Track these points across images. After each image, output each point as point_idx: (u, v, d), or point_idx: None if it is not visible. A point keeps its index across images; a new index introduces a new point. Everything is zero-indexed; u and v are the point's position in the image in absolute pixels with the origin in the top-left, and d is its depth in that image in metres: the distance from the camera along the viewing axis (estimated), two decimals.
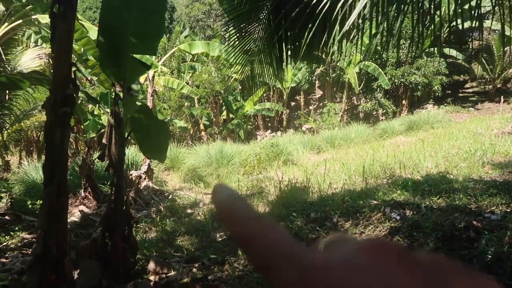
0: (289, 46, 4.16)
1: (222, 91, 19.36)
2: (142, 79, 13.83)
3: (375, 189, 6.41)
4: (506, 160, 7.67)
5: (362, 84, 20.32)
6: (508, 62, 22.04)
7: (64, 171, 3.10)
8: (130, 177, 7.29)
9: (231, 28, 4.28)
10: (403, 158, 8.51)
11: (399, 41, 3.49)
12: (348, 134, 14.67)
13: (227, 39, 4.59)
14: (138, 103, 7.64)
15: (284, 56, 4.22)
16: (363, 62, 19.00)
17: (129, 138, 4.28)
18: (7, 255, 5.05)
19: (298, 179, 7.80)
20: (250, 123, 22.45)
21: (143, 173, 7.49)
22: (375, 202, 5.53)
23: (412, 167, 7.85)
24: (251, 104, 19.43)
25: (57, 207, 3.03)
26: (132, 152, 9.39)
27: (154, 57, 10.00)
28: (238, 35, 4.34)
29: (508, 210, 4.56)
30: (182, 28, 28.66)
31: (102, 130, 11.07)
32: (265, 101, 23.02)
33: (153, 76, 8.65)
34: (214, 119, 20.07)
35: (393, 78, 19.45)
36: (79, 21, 6.44)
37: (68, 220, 6.11)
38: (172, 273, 3.72)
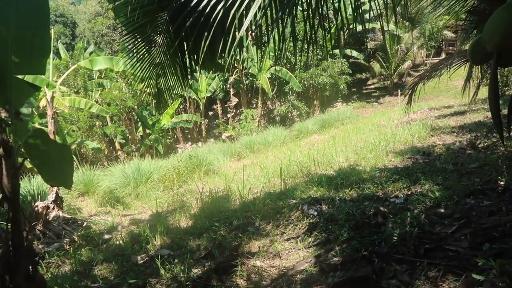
0: (191, 56, 4.12)
1: (136, 107, 18.69)
2: (42, 102, 12.82)
3: (293, 188, 6.62)
4: (406, 147, 8.44)
5: (275, 89, 21.02)
6: (401, 59, 24.42)
7: None
8: (36, 208, 6.65)
9: (132, 41, 4.13)
10: (317, 156, 8.93)
11: (295, 45, 3.64)
12: (266, 138, 15.04)
13: (129, 53, 4.41)
14: (40, 128, 7.05)
15: (189, 66, 4.17)
16: (274, 67, 19.68)
17: (30, 166, 3.91)
18: None
19: (220, 188, 7.78)
20: (169, 137, 21.95)
21: (50, 203, 6.87)
22: (294, 201, 5.71)
23: (326, 163, 8.27)
24: (167, 118, 19.01)
25: None
26: (38, 181, 8.60)
27: (51, 76, 9.31)
28: (142, 47, 4.20)
29: (409, 193, 5.00)
30: (86, 44, 27.16)
31: None
32: (182, 113, 22.72)
33: (52, 97, 8.03)
34: (129, 137, 19.26)
35: (303, 81, 20.42)
36: None
37: None
38: None
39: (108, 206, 8.77)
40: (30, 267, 3.45)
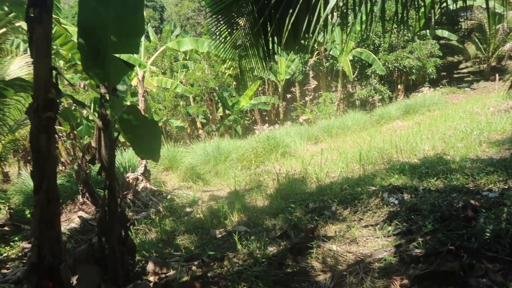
0: (274, 36, 4.09)
1: (217, 88, 19.27)
2: (134, 81, 13.78)
3: (372, 175, 6.38)
4: (503, 138, 7.64)
5: (356, 72, 20.22)
6: (501, 40, 21.92)
7: (52, 177, 3.05)
8: (127, 179, 7.24)
9: (217, 22, 4.21)
10: (400, 143, 8.48)
11: (384, 25, 3.43)
12: (345, 122, 14.61)
13: (214, 35, 4.52)
14: (133, 104, 7.60)
15: (271, 47, 4.16)
16: (356, 49, 18.89)
17: (123, 140, 4.25)
18: (8, 265, 5.02)
19: (296, 170, 7.77)
20: (247, 118, 22.37)
21: (140, 175, 7.44)
22: (373, 188, 5.51)
23: (409, 151, 7.82)
24: (246, 99, 19.35)
25: (48, 214, 2.99)
26: (129, 154, 9.34)
27: (143, 57, 9.93)
28: (225, 29, 4.28)
29: (506, 187, 4.53)
30: (172, 27, 28.45)
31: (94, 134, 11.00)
32: (261, 95, 22.94)
33: (143, 77, 8.58)
34: (210, 117, 20.00)
35: (387, 63, 19.35)
36: (62, 25, 6.37)
37: (68, 227, 6.11)
38: (171, 272, 3.68)
39: (190, 181, 9.25)
40: (123, 232, 3.77)
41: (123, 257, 3.65)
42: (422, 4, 3.13)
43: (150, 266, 3.78)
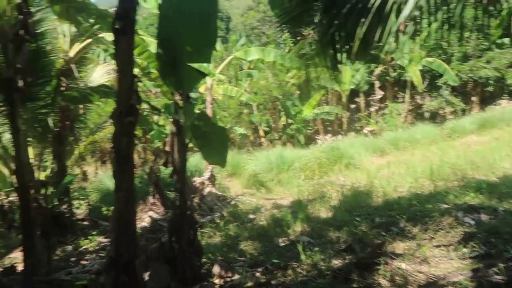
0: (343, 46, 4.04)
1: (280, 97, 19.38)
2: (202, 89, 14.29)
3: (445, 192, 6.03)
4: None
5: (425, 82, 19.26)
6: None
7: (130, 178, 3.25)
8: (194, 183, 7.51)
9: (284, 32, 4.26)
10: (475, 159, 7.92)
11: (462, 33, 3.25)
12: (413, 135, 13.94)
13: (281, 44, 4.58)
14: (203, 111, 7.91)
15: (339, 57, 4.10)
16: (426, 59, 18.02)
17: (191, 145, 4.43)
18: (86, 257, 5.43)
19: (361, 183, 7.56)
20: (310, 128, 22.19)
21: (206, 179, 7.69)
22: (446, 206, 5.20)
23: (487, 168, 7.28)
24: (309, 108, 19.21)
25: (126, 213, 3.18)
26: (196, 159, 9.69)
27: (211, 66, 10.29)
28: (291, 39, 4.32)
29: None
30: (238, 37, 29.20)
31: (167, 139, 11.57)
32: (324, 104, 22.67)
33: (212, 85, 8.88)
34: (273, 125, 20.14)
35: (460, 74, 18.20)
36: (140, 36, 6.80)
37: (139, 225, 6.46)
38: (236, 277, 3.74)
39: (253, 188, 9.36)
40: (191, 233, 3.92)
41: (191, 259, 3.79)
42: (504, 9, 2.93)
43: (216, 269, 3.88)
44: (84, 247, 5.92)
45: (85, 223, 6.91)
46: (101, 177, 9.20)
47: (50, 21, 6.12)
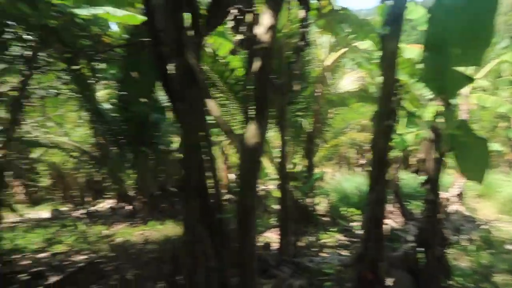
0: None
1: None
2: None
3: None
4: None
5: None
6: None
7: (384, 180, 3.28)
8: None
9: None
10: None
11: None
12: None
13: None
14: (464, 120, 7.20)
15: None
16: None
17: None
18: (325, 250, 5.84)
19: None
20: None
21: (453, 196, 6.98)
22: None
23: None
24: None
25: (377, 213, 3.24)
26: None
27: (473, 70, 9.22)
28: None
29: None
30: (499, 39, 25.15)
31: (421, 146, 11.03)
32: None
33: (469, 92, 7.98)
34: None
35: None
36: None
37: None
38: None
39: (510, 214, 7.91)
40: (440, 249, 3.65)
41: (438, 275, 3.53)
42: None
43: None
44: (323, 240, 6.34)
45: (325, 219, 7.41)
46: (338, 179, 9.65)
47: (312, 34, 6.86)
